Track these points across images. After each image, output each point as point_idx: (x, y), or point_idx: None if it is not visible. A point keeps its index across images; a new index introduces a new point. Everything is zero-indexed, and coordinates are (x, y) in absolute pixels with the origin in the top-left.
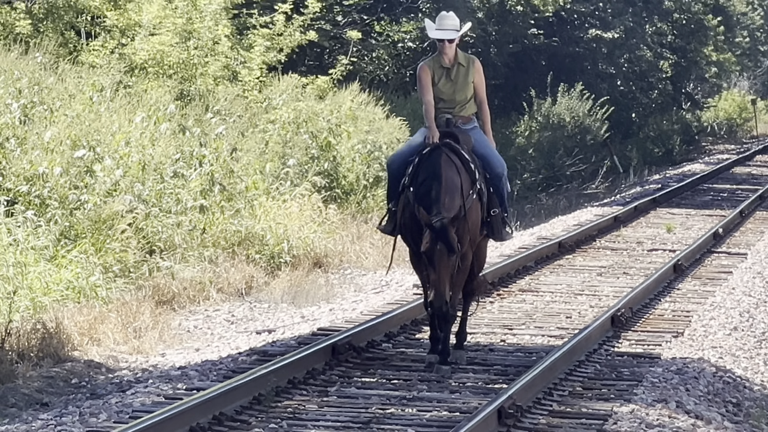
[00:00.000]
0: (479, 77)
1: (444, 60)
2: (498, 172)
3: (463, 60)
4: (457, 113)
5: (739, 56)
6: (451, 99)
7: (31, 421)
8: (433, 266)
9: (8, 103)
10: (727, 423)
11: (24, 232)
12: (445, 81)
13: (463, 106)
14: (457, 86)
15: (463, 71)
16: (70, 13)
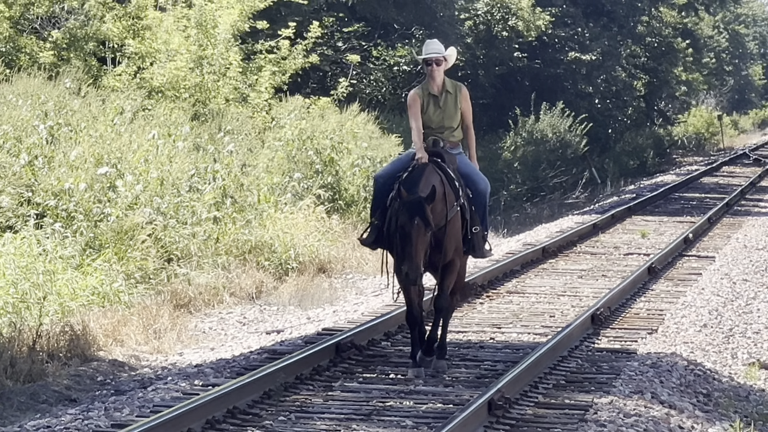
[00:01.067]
0: (466, 104)
1: (432, 87)
2: (481, 189)
3: (450, 87)
4: (445, 139)
5: (707, 76)
6: (439, 126)
7: (61, 416)
8: (410, 240)
9: (36, 125)
10: (698, 412)
11: (52, 243)
12: (434, 108)
13: (452, 132)
14: (446, 113)
15: (451, 98)
16: (92, 42)
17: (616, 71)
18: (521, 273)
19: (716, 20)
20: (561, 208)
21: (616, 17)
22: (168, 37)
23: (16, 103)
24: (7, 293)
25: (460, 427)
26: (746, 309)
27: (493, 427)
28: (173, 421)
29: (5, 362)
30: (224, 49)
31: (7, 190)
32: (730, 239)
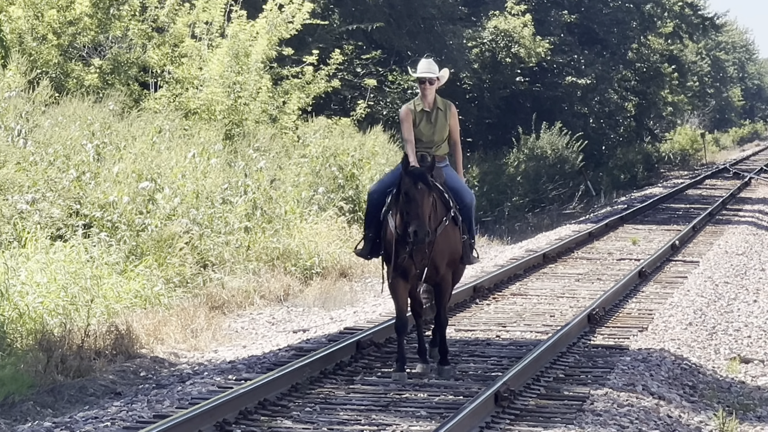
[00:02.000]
0: (454, 120)
1: (424, 103)
2: (467, 202)
3: (441, 104)
4: (434, 153)
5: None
6: (429, 140)
7: (107, 408)
8: (416, 201)
9: (84, 144)
10: (685, 402)
11: (99, 251)
12: (425, 123)
13: (440, 146)
14: (436, 128)
15: (441, 114)
16: (134, 68)
17: (608, 94)
18: (524, 277)
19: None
20: (559, 217)
21: (608, 45)
22: (204, 64)
23: (65, 124)
24: (58, 296)
25: (469, 416)
26: (728, 309)
27: (500, 416)
28: (209, 412)
29: (57, 359)
30: (257, 76)
31: (57, 203)
32: (713, 245)
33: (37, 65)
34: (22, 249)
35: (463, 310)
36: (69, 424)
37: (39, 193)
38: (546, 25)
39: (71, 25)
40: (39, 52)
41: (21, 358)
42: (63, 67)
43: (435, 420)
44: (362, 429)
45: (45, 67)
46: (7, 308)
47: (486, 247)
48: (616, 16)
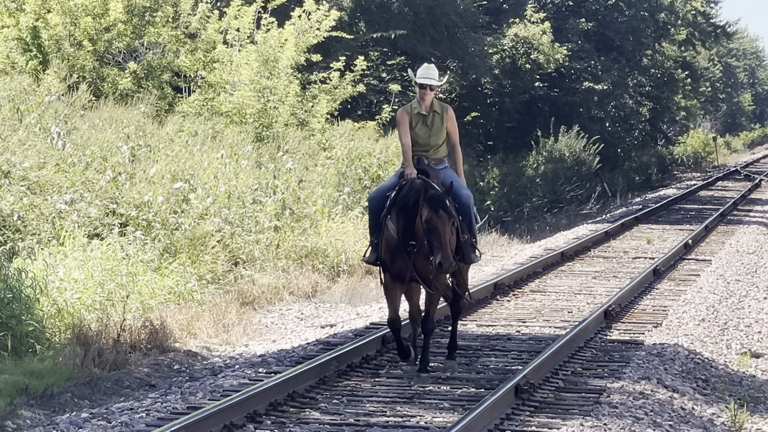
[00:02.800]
0: (452, 123)
1: (421, 107)
2: (465, 201)
3: (438, 108)
4: (431, 156)
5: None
6: (426, 143)
7: (142, 399)
8: (438, 233)
9: (119, 146)
10: (698, 395)
11: (134, 248)
12: (421, 126)
13: (437, 149)
14: (432, 131)
15: (438, 118)
16: (168, 72)
17: (624, 99)
18: (543, 274)
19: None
20: (576, 217)
21: (624, 52)
22: (235, 70)
23: (101, 127)
24: (95, 292)
25: (490, 408)
26: (739, 305)
27: (519, 408)
28: (241, 403)
29: (93, 353)
30: (286, 81)
31: (94, 203)
32: (725, 245)
33: (74, 70)
34: (61, 247)
35: (484, 306)
36: (105, 415)
37: (77, 193)
38: (564, 33)
39: (106, 32)
40: (76, 57)
41: (59, 351)
42: (99, 72)
43: (457, 412)
44: (387, 420)
45: (82, 72)
46: (46, 304)
47: (506, 246)
48: (632, 24)
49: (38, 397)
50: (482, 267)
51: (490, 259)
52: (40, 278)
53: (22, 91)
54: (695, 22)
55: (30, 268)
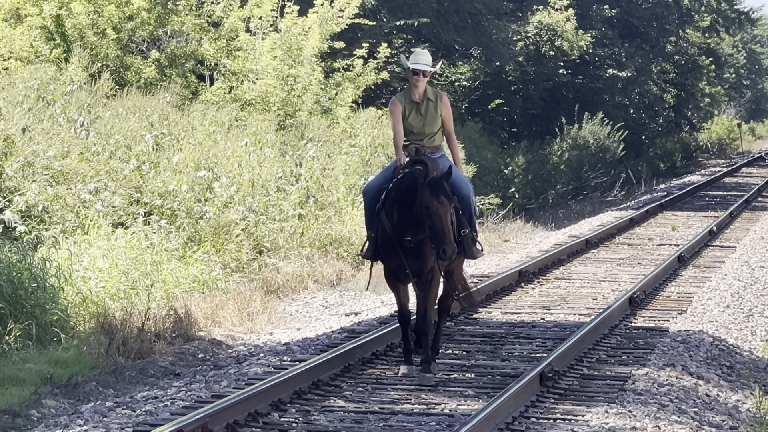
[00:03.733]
0: (447, 111)
1: (414, 95)
2: (465, 194)
3: (431, 95)
4: (426, 144)
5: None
6: (420, 132)
7: (167, 388)
8: (439, 217)
9: (143, 135)
10: (723, 382)
11: (158, 237)
12: (415, 115)
13: (432, 138)
14: (426, 120)
15: (432, 105)
16: (191, 61)
17: (648, 85)
18: (567, 261)
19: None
20: (601, 205)
21: (648, 38)
22: (259, 57)
23: (125, 116)
24: (119, 281)
25: (515, 396)
26: (764, 292)
27: (544, 396)
28: (265, 392)
29: (118, 341)
30: (310, 69)
31: (119, 192)
32: (749, 231)
33: (98, 59)
34: (85, 236)
35: (509, 293)
36: (130, 404)
37: (101, 182)
38: (588, 20)
39: (130, 20)
40: (99, 46)
41: (84, 340)
42: (122, 60)
43: (482, 399)
44: (412, 408)
45: (105, 61)
46: (71, 293)
47: (531, 233)
48: (655, 11)
49: (63, 386)
50: (507, 255)
51: (514, 246)
52: (65, 267)
53: (47, 81)
54: (719, 9)
55: (54, 258)
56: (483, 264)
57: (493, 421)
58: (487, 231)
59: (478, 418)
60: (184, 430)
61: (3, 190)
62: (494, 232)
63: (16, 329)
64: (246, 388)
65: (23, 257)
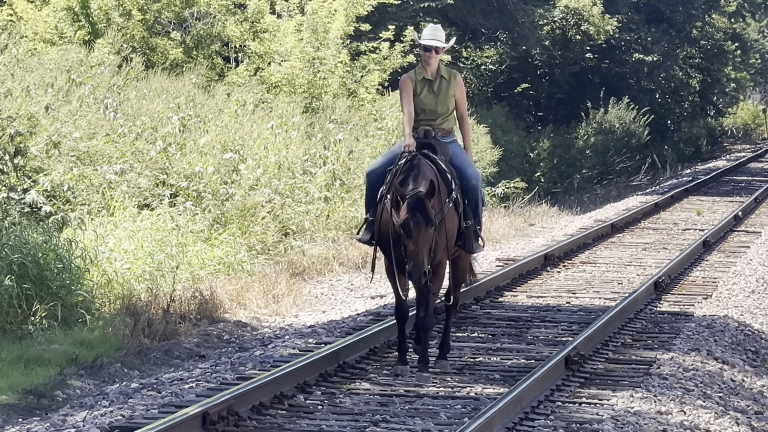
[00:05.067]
0: (461, 91)
1: (426, 72)
2: (473, 184)
3: (445, 73)
4: (438, 125)
5: (753, 74)
6: (432, 110)
7: (192, 369)
8: (411, 238)
9: (169, 116)
10: (748, 367)
11: (184, 219)
12: (427, 93)
13: (445, 118)
14: (439, 98)
15: (445, 84)
16: (217, 42)
17: (674, 70)
18: (593, 246)
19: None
20: (626, 189)
21: (674, 23)
22: (284, 39)
23: (151, 98)
24: (145, 263)
25: (540, 380)
26: None
27: (570, 380)
28: (291, 374)
29: (143, 323)
30: (335, 51)
31: (145, 173)
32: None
33: (125, 40)
34: (111, 217)
35: (534, 277)
36: (155, 385)
37: (127, 163)
38: (614, 4)
39: (156, 2)
40: (125, 28)
41: (109, 322)
42: (148, 42)
43: (507, 383)
44: (437, 391)
45: (131, 43)
46: (96, 274)
47: (556, 217)
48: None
49: (88, 367)
50: (532, 238)
51: (540, 230)
52: (90, 248)
53: (77, 63)
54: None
55: (80, 239)
56: (509, 248)
57: (519, 404)
58: (513, 215)
59: (503, 401)
60: (209, 412)
61: (29, 170)
62: (519, 216)
63: (41, 310)
64: (271, 371)
65: (49, 238)
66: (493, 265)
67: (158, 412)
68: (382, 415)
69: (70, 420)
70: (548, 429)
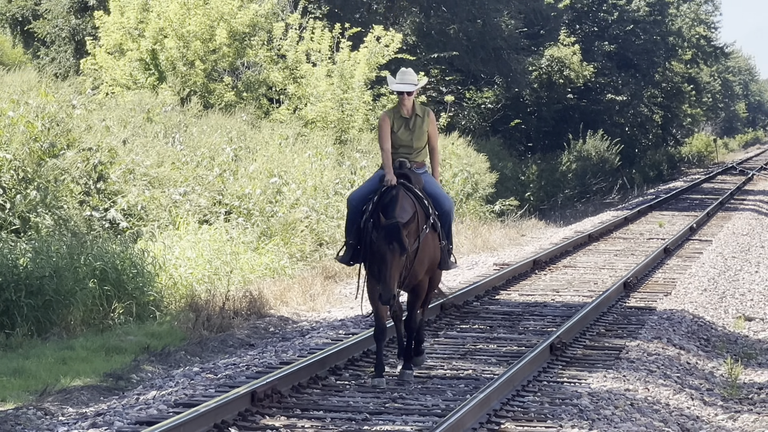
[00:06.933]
0: (433, 127)
1: (403, 111)
2: (446, 209)
3: (419, 111)
4: (413, 159)
5: (705, 110)
6: (408, 146)
7: (243, 356)
8: (386, 263)
9: (224, 148)
10: (701, 352)
11: (237, 232)
12: (404, 130)
13: (419, 152)
14: (415, 134)
15: (419, 121)
16: (263, 87)
17: (640, 108)
18: (573, 252)
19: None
20: (601, 206)
21: (640, 69)
22: (318, 84)
23: (209, 132)
24: (204, 268)
25: (529, 363)
26: (735, 278)
27: (554, 363)
28: (325, 359)
29: (203, 318)
30: (359, 93)
31: (204, 194)
32: (723, 228)
33: (187, 85)
34: (176, 231)
35: (525, 279)
36: (213, 369)
37: (189, 186)
38: (591, 53)
39: (213, 53)
40: (188, 75)
41: (175, 317)
42: (207, 86)
43: (502, 366)
44: (445, 373)
45: (193, 87)
46: (164, 278)
47: (543, 229)
48: (646, 46)
49: (157, 355)
50: (523, 247)
51: (530, 240)
52: (159, 257)
53: (149, 104)
54: (699, 45)
55: (151, 249)
56: (504, 254)
57: (512, 383)
58: (507, 227)
59: (499, 381)
60: (257, 390)
61: (109, 193)
62: (513, 228)
63: (119, 307)
64: (308, 357)
65: (125, 248)
66: (490, 269)
67: (215, 391)
68: (399, 393)
69: (143, 398)
70: (536, 403)
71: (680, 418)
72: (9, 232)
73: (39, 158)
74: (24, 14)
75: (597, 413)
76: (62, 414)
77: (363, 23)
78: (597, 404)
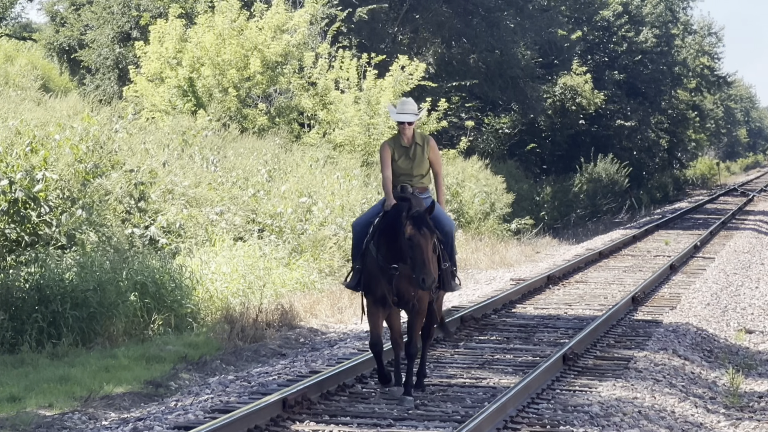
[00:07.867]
0: (434, 153)
1: (403, 140)
2: (447, 230)
3: (419, 140)
4: (415, 185)
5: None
6: (409, 173)
7: (275, 365)
8: (421, 249)
9: (258, 169)
10: (704, 362)
11: (269, 249)
12: (404, 159)
13: (420, 179)
14: (415, 162)
15: (419, 150)
16: (294, 112)
17: (647, 133)
18: (584, 268)
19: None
20: (611, 225)
21: (648, 96)
22: (346, 110)
23: (244, 155)
24: (238, 283)
25: (543, 372)
26: (736, 293)
27: (566, 372)
28: (351, 368)
29: (237, 329)
30: (385, 118)
31: (239, 213)
32: (725, 246)
33: (223, 111)
34: (212, 248)
35: (539, 293)
36: (246, 377)
37: (225, 206)
38: (601, 82)
39: (247, 81)
40: (224, 101)
41: (211, 328)
42: (241, 112)
43: (518, 375)
44: (464, 382)
45: (228, 113)
46: (201, 291)
47: (556, 247)
48: (654, 76)
49: (194, 364)
50: (538, 263)
51: (544, 256)
52: (196, 271)
53: (187, 128)
54: (703, 74)
55: (188, 264)
56: (520, 270)
57: (527, 392)
58: (523, 245)
59: (515, 389)
60: (288, 398)
61: (149, 212)
62: (528, 246)
63: (159, 319)
64: (336, 366)
65: (164, 263)
66: (507, 284)
67: (248, 398)
68: (421, 401)
69: (180, 404)
70: (550, 410)
71: (685, 424)
72: (56, 248)
73: (84, 179)
74: (71, 44)
75: (607, 420)
76: (105, 419)
77: (388, 53)
78: (607, 411)
